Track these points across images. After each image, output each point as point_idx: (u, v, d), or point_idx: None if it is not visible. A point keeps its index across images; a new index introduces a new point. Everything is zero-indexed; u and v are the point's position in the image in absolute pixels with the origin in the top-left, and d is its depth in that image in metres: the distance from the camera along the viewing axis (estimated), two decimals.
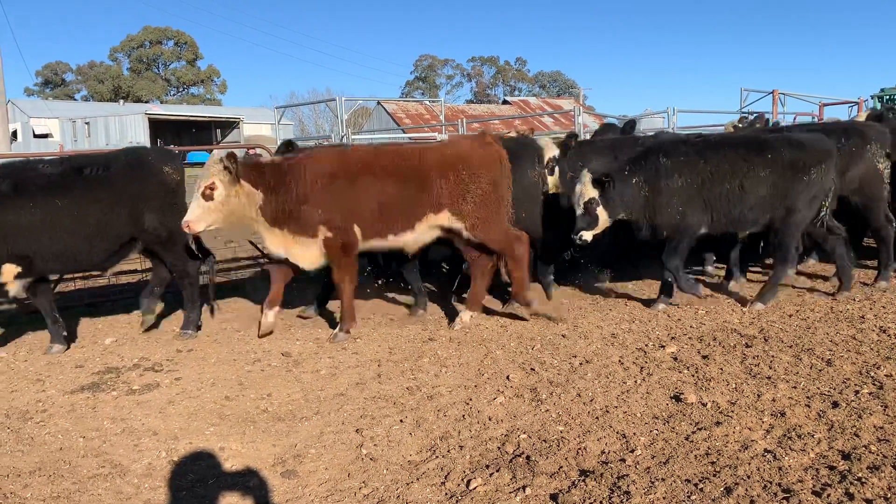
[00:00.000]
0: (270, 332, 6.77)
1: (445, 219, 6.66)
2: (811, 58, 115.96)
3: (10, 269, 6.28)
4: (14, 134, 33.75)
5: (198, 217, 6.09)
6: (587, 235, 6.84)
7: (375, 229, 6.57)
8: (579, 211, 6.82)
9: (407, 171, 6.57)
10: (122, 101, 57.32)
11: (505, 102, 57.74)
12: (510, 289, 7.21)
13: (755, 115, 11.88)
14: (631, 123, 9.41)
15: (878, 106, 20.77)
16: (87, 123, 41.91)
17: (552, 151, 7.52)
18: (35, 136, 41.89)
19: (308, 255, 6.48)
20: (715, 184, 6.81)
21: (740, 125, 10.52)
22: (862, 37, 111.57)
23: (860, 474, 3.40)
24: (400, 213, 6.58)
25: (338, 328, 6.72)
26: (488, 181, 6.69)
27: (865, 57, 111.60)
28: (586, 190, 6.78)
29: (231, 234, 10.23)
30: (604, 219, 6.83)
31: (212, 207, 6.09)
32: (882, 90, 22.40)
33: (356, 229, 6.50)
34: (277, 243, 6.47)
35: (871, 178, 7.56)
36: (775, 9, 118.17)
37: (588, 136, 12.58)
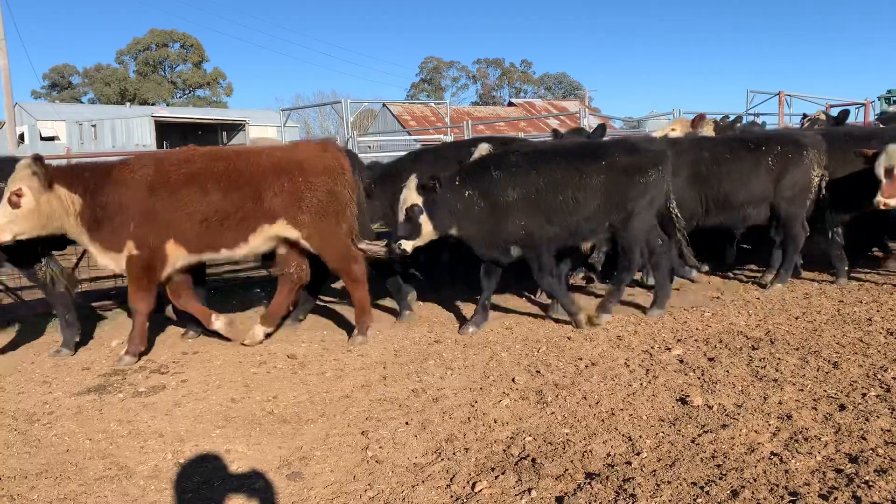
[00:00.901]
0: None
1: (282, 229, 6.30)
2: (818, 59, 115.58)
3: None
4: (21, 136, 33.93)
5: (2, 227, 5.71)
6: (407, 245, 6.30)
7: (203, 242, 6.15)
8: (400, 217, 6.38)
9: (235, 179, 6.13)
10: (128, 104, 57.52)
11: (510, 104, 57.67)
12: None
13: (732, 116, 11.76)
14: (601, 128, 9.22)
15: (886, 107, 20.69)
16: (93, 126, 42.07)
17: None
18: (42, 138, 42.07)
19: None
20: (550, 195, 6.49)
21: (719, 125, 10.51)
22: (869, 38, 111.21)
23: (867, 477, 3.38)
24: (229, 225, 6.14)
25: (123, 351, 6.33)
26: (326, 190, 6.33)
27: (872, 58, 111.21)
28: (410, 195, 6.30)
29: None
30: (428, 229, 6.36)
31: (19, 216, 5.71)
32: (889, 91, 22.33)
33: (172, 246, 6.10)
34: (102, 256, 6.14)
35: (803, 186, 7.65)
36: (782, 10, 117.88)
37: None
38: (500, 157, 6.94)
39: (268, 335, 6.71)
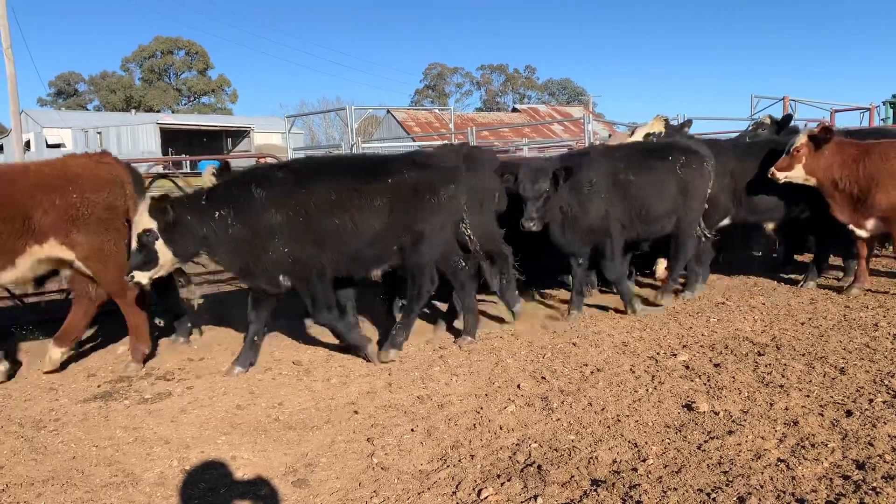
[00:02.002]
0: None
1: (54, 249, 5.82)
2: (823, 64, 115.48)
3: None
4: (27, 144, 34.08)
5: None
6: (141, 277, 5.59)
7: None
8: (133, 245, 5.63)
9: None
10: (133, 111, 57.74)
11: (514, 110, 57.77)
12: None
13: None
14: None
15: (891, 112, 20.63)
16: (99, 133, 42.22)
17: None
18: (48, 146, 42.27)
19: None
20: (322, 217, 5.80)
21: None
22: (874, 42, 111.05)
23: (875, 484, 3.37)
24: None
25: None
26: (104, 206, 5.90)
27: (878, 63, 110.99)
28: (141, 219, 5.57)
29: None
30: (167, 257, 5.64)
31: None
32: (894, 95, 22.26)
33: None
34: None
35: (702, 195, 7.67)
36: (786, 15, 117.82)
37: (596, 144, 12.54)
38: (263, 172, 6.33)
39: (63, 355, 6.22)
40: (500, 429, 4.58)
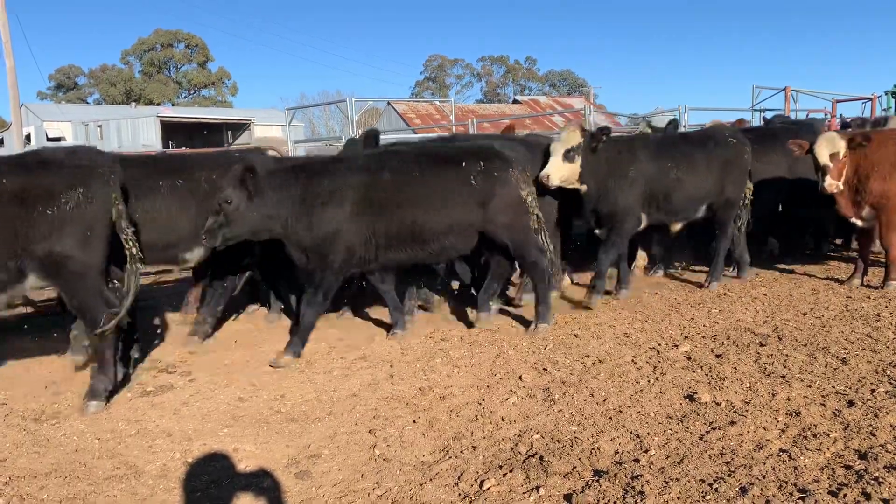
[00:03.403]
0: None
1: None
2: (824, 54, 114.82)
3: None
4: (28, 137, 34.04)
5: None
6: None
7: None
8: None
9: None
10: (133, 104, 57.57)
11: (515, 102, 57.56)
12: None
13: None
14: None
15: (892, 102, 20.56)
16: (99, 126, 42.13)
17: None
18: (48, 139, 42.18)
19: None
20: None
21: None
22: (876, 32, 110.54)
23: (877, 474, 3.37)
24: None
25: None
26: None
27: (879, 53, 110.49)
28: None
29: None
30: None
31: None
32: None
33: None
34: None
35: (516, 206, 6.52)
36: (787, 5, 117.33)
37: None
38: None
39: None
40: (502, 420, 4.58)
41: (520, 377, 5.33)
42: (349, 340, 6.72)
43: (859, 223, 7.46)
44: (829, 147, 7.22)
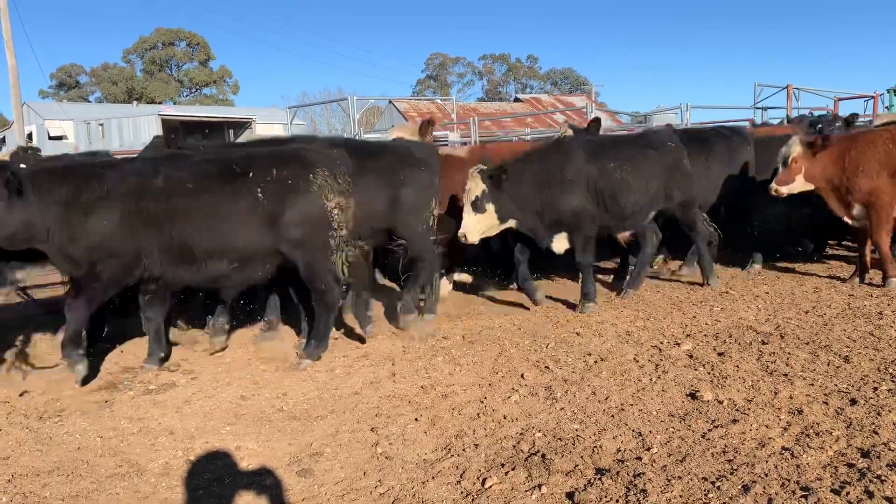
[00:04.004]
0: None
1: None
2: (826, 52, 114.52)
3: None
4: (29, 136, 34.06)
5: None
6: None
7: None
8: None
9: None
10: (135, 103, 57.57)
11: (517, 100, 57.60)
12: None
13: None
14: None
15: (895, 99, 20.54)
16: (100, 125, 42.15)
17: None
18: (50, 137, 42.21)
19: None
20: None
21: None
22: (878, 30, 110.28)
23: (880, 472, 3.37)
24: None
25: None
26: None
27: (882, 50, 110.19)
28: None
29: None
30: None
31: None
32: None
33: None
34: None
35: (315, 221, 5.75)
36: (790, 2, 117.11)
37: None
38: None
39: None
40: (504, 418, 4.58)
41: (522, 375, 5.33)
42: (351, 338, 6.72)
43: (851, 222, 7.48)
44: (784, 151, 7.40)
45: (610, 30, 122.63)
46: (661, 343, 5.88)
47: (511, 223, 7.07)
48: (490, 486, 3.67)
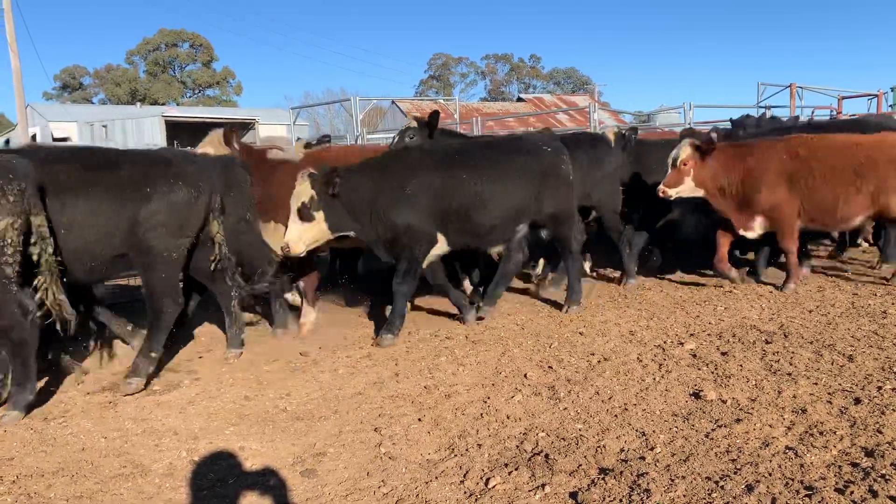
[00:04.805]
0: None
1: None
2: (830, 50, 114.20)
3: None
4: (33, 138, 34.12)
5: None
6: None
7: None
8: None
9: None
10: (138, 104, 57.64)
11: (520, 100, 57.54)
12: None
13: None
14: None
15: None
16: (104, 126, 42.23)
17: None
18: (54, 139, 42.26)
19: None
20: None
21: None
22: (882, 28, 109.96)
23: (884, 471, 3.36)
24: None
25: None
26: None
27: (885, 49, 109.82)
28: None
29: None
30: None
31: None
32: None
33: None
34: None
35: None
36: (794, 0, 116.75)
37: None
38: None
39: None
40: (508, 418, 4.58)
41: (525, 375, 5.33)
42: (355, 339, 6.72)
43: (748, 234, 7.40)
44: (675, 152, 7.29)
45: (613, 29, 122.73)
46: (665, 342, 5.88)
47: (349, 233, 6.53)
48: (493, 486, 3.67)
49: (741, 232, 7.39)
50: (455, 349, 6.15)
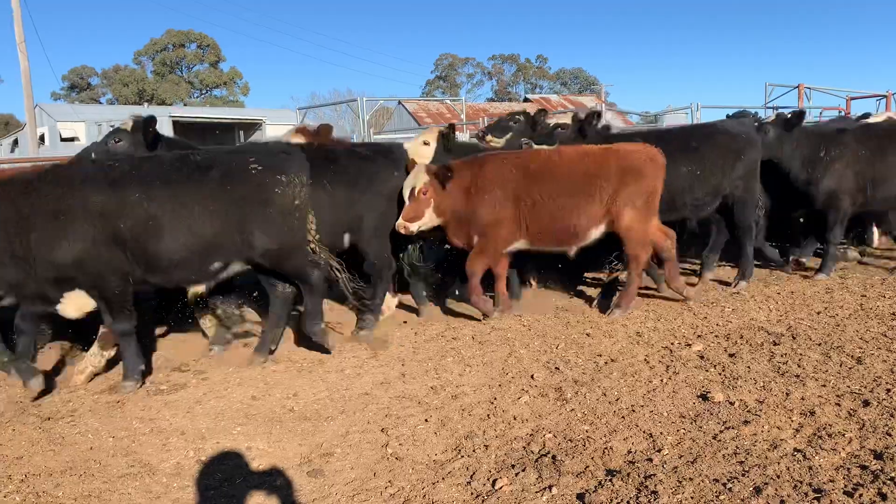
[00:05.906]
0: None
1: None
2: (838, 51, 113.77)
3: None
4: (42, 137, 34.26)
5: None
6: None
7: None
8: None
9: None
10: (146, 104, 57.87)
11: (526, 100, 57.43)
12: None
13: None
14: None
15: None
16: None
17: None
18: (62, 139, 42.44)
19: None
20: None
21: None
22: (892, 28, 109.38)
23: (893, 474, 3.34)
24: None
25: None
26: None
27: (894, 49, 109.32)
28: None
29: None
30: None
31: None
32: None
33: None
34: None
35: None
36: (801, 1, 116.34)
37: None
38: None
39: None
40: (514, 419, 4.58)
41: (532, 376, 5.33)
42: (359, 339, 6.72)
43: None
44: (411, 181, 6.58)
45: (620, 30, 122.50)
46: (672, 344, 5.86)
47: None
48: (500, 487, 3.67)
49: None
50: (462, 350, 6.15)
